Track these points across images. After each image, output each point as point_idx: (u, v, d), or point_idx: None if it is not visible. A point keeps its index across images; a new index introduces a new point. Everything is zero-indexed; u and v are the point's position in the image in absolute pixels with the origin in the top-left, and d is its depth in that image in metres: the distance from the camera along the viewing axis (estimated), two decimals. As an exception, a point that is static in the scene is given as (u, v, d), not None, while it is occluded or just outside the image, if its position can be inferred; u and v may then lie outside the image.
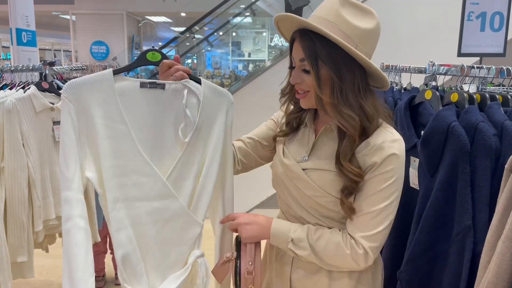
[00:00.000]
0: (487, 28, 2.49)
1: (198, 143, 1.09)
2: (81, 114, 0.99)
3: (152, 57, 1.08)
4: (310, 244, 1.04)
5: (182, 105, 1.07)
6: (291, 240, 1.05)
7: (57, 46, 15.03)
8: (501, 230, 0.85)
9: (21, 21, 4.06)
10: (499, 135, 1.10)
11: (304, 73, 1.02)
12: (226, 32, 8.32)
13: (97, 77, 1.01)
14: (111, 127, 1.01)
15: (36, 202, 1.92)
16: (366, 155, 1.01)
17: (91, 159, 1.01)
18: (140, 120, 1.04)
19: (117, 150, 1.01)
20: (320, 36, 0.96)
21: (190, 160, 1.08)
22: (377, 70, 1.00)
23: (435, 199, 1.19)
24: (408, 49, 3.68)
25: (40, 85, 2.00)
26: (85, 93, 0.99)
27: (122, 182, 1.02)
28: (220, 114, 1.12)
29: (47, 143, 1.99)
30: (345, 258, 1.02)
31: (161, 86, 1.05)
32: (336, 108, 0.99)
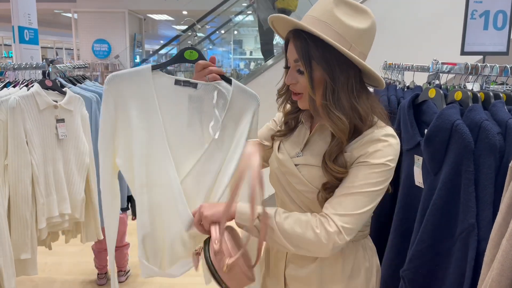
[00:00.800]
0: (490, 26, 2.49)
1: (222, 140, 1.13)
2: (119, 105, 1.08)
3: (189, 55, 1.13)
4: (277, 221, 0.98)
5: (212, 105, 1.11)
6: (257, 216, 0.99)
7: (59, 44, 15.04)
8: (505, 228, 0.85)
9: (23, 19, 4.07)
10: (503, 133, 1.10)
11: (298, 73, 1.02)
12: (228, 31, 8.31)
13: (137, 71, 1.08)
14: (146, 118, 1.09)
15: (40, 200, 1.93)
16: (356, 148, 1.00)
17: (123, 147, 1.10)
18: (170, 115, 1.11)
19: (148, 140, 1.09)
20: (314, 37, 0.95)
21: (213, 157, 1.13)
22: (370, 70, 0.99)
23: (438, 197, 1.19)
24: (411, 48, 3.67)
25: (43, 83, 2.00)
26: (124, 86, 1.07)
27: (149, 169, 1.10)
28: (246, 115, 1.15)
29: (51, 140, 2.00)
30: (316, 237, 0.95)
31: (194, 85, 1.11)
32: (326, 110, 0.99)
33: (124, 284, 2.95)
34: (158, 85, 1.09)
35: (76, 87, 2.33)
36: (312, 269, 1.11)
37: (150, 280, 2.99)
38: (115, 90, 1.07)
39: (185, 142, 1.12)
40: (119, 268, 2.97)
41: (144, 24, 9.88)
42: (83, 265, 3.13)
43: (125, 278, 2.98)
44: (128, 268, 3.03)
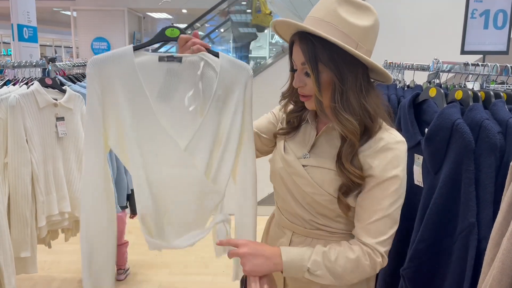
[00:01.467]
0: (490, 25, 2.49)
1: (214, 115, 1.12)
2: (104, 88, 1.06)
3: (171, 33, 1.11)
4: (328, 268, 1.00)
5: (198, 76, 1.09)
6: (307, 270, 1.00)
7: (58, 42, 14.99)
8: (505, 228, 0.86)
9: (23, 17, 4.06)
10: (503, 132, 1.10)
11: (306, 76, 1.01)
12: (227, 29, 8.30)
13: (118, 52, 1.06)
14: (132, 100, 1.07)
15: (40, 198, 1.93)
16: (368, 156, 1.00)
17: (114, 130, 1.09)
18: (159, 92, 1.09)
19: (138, 120, 1.08)
20: (320, 39, 0.95)
21: (207, 131, 1.11)
22: (378, 67, 0.99)
23: (439, 196, 1.19)
24: (411, 47, 3.67)
25: (43, 81, 2.00)
26: (107, 68, 1.05)
27: (144, 151, 1.09)
28: (238, 87, 1.12)
29: (51, 139, 2.00)
30: (365, 269, 1.01)
31: (178, 59, 1.09)
32: (335, 112, 0.98)
33: (123, 283, 2.95)
34: (141, 64, 1.07)
35: (75, 85, 2.32)
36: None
37: (149, 278, 2.99)
38: (98, 73, 1.05)
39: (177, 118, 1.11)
40: (119, 267, 2.97)
41: (144, 23, 9.86)
42: (82, 263, 3.12)
43: (124, 277, 2.98)
44: (128, 266, 3.03)
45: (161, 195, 1.12)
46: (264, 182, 1.28)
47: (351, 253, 1.00)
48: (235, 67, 1.12)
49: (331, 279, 1.00)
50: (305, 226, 1.13)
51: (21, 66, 2.19)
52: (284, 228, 1.18)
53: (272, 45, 11.12)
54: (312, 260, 1.00)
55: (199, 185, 1.11)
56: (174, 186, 1.12)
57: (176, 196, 1.12)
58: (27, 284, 2.90)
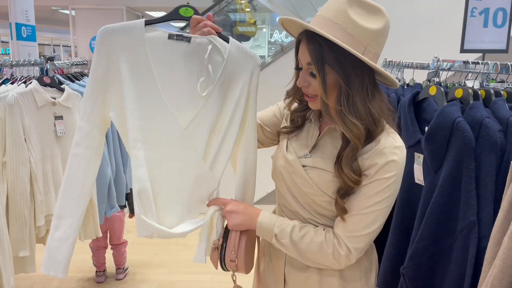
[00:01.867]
0: (490, 24, 2.48)
1: (217, 99, 1.11)
2: (111, 58, 1.06)
3: (184, 12, 1.10)
4: (293, 240, 1.04)
5: (205, 60, 1.09)
6: (275, 235, 1.06)
7: (56, 41, 14.97)
8: (506, 226, 0.85)
9: (21, 15, 4.05)
10: (504, 131, 1.10)
11: (311, 76, 0.99)
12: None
13: (130, 25, 1.06)
14: (137, 72, 1.07)
15: (38, 197, 1.92)
16: (367, 159, 0.99)
17: (117, 99, 1.08)
18: (165, 70, 1.09)
19: (141, 94, 1.07)
20: (327, 40, 0.93)
21: (208, 115, 1.11)
22: (384, 73, 0.98)
23: (439, 195, 1.19)
24: (411, 45, 3.67)
25: (41, 80, 1.99)
26: (116, 39, 1.05)
27: (143, 125, 1.08)
28: (244, 74, 1.12)
29: (49, 138, 1.99)
30: (327, 256, 1.02)
31: (187, 39, 1.08)
32: (341, 115, 0.96)
33: (122, 282, 2.94)
34: (151, 39, 1.07)
35: (74, 84, 2.31)
36: (312, 268, 1.11)
37: (148, 277, 2.99)
38: (107, 42, 1.05)
39: (180, 98, 1.11)
40: (118, 266, 2.96)
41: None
42: (81, 262, 3.11)
43: (123, 276, 2.97)
44: (127, 265, 3.03)
45: (156, 174, 1.11)
46: (260, 183, 1.28)
47: (318, 236, 1.03)
48: (243, 55, 1.12)
49: (296, 254, 1.06)
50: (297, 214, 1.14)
51: (19, 64, 2.18)
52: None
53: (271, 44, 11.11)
54: (280, 229, 1.06)
55: (196, 169, 1.11)
56: (171, 166, 1.11)
57: (171, 177, 1.12)
58: (26, 283, 2.90)
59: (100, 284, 2.92)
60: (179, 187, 1.12)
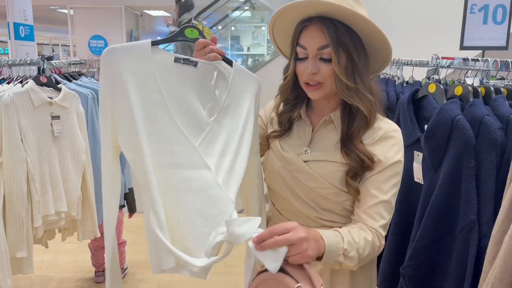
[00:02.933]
0: (489, 21, 2.47)
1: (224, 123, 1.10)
2: (117, 80, 1.03)
3: (190, 33, 1.10)
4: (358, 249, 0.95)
5: (211, 86, 1.08)
6: (343, 252, 0.92)
7: (55, 40, 14.95)
8: (507, 225, 0.84)
9: (19, 15, 4.04)
10: (504, 128, 1.09)
11: (321, 61, 1.01)
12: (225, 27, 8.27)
13: (136, 45, 1.04)
14: (146, 95, 1.04)
15: (35, 198, 1.91)
16: (369, 144, 1.03)
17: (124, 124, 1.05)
18: (174, 92, 1.07)
19: (151, 117, 1.04)
20: (339, 22, 0.99)
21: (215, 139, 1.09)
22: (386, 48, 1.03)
23: (439, 193, 1.18)
24: (410, 43, 3.65)
25: (38, 80, 1.97)
26: (123, 61, 1.02)
27: (156, 149, 1.04)
28: (249, 97, 1.12)
29: (46, 137, 1.97)
30: (375, 252, 1.00)
31: (194, 64, 1.08)
32: (357, 92, 1.01)
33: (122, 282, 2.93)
34: (157, 61, 1.05)
35: (71, 84, 2.30)
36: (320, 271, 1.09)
37: (147, 277, 2.98)
38: (112, 64, 1.02)
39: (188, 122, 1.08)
40: (117, 266, 2.95)
41: (141, 20, 9.82)
42: (80, 262, 3.11)
43: (122, 276, 2.97)
44: (126, 265, 3.02)
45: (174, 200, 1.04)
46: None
47: (367, 235, 0.98)
48: (246, 77, 1.12)
49: (356, 263, 0.94)
50: (309, 224, 1.11)
51: (15, 64, 2.17)
52: None
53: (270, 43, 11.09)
54: (346, 241, 0.93)
55: (212, 189, 1.05)
56: (188, 189, 1.04)
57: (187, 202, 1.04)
58: (25, 284, 2.89)
59: (99, 284, 2.91)
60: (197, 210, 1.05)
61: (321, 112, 1.11)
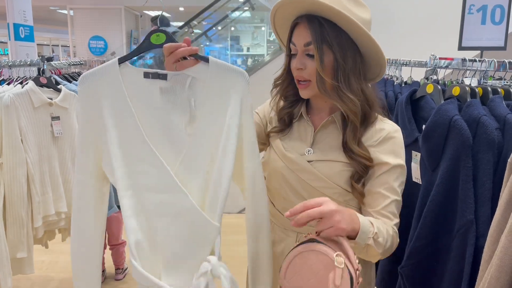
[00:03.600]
0: (488, 21, 2.48)
1: (204, 134, 1.00)
2: (92, 105, 1.00)
3: (156, 39, 1.00)
4: (385, 236, 0.96)
5: (186, 96, 1.01)
6: (373, 235, 0.92)
7: (55, 41, 14.95)
8: (504, 225, 0.85)
9: (19, 16, 4.05)
10: (501, 128, 1.09)
11: (307, 57, 1.03)
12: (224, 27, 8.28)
13: (105, 67, 1.00)
14: (118, 117, 1.00)
15: (35, 198, 1.92)
16: (373, 145, 1.04)
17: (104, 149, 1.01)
18: (145, 110, 1.01)
19: (124, 139, 1.00)
20: (327, 20, 1.00)
21: (198, 153, 1.01)
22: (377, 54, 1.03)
23: (436, 193, 1.18)
24: (408, 43, 3.66)
25: (38, 80, 1.98)
26: (95, 86, 1.00)
27: (131, 171, 1.00)
28: (233, 97, 1.00)
29: (46, 138, 1.98)
30: (393, 248, 1.01)
31: (163, 77, 1.00)
32: (338, 92, 1.02)
33: (122, 282, 2.94)
34: (127, 80, 1.00)
35: (71, 85, 2.30)
36: None
37: (148, 277, 2.98)
38: (87, 89, 0.99)
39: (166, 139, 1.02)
40: (117, 266, 2.96)
41: (141, 21, 9.83)
42: (80, 263, 3.11)
43: (122, 276, 2.97)
44: (126, 265, 3.02)
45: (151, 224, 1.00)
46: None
47: (389, 228, 1.00)
48: (228, 73, 1.00)
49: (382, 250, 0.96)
50: (311, 224, 1.11)
51: (15, 65, 2.17)
52: (286, 230, 1.16)
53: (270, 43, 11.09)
54: (376, 226, 0.94)
55: (190, 215, 0.98)
56: (163, 214, 0.99)
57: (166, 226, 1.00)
58: (25, 284, 2.89)
59: (99, 285, 2.91)
60: (175, 235, 1.00)
61: (320, 111, 1.12)
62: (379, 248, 0.95)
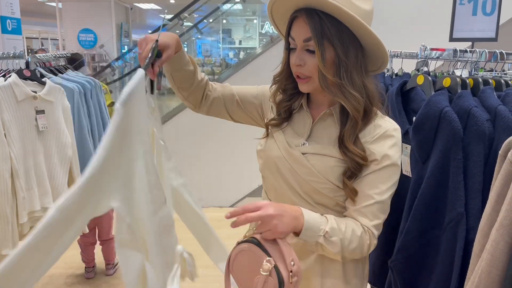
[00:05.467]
0: (479, 12, 2.46)
1: None
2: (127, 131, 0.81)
3: None
4: (342, 238, 0.96)
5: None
6: (324, 233, 0.95)
7: (44, 34, 14.77)
8: (494, 218, 0.84)
9: (5, 8, 3.97)
10: (492, 120, 1.08)
11: (307, 53, 1.00)
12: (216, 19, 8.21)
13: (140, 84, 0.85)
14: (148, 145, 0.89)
15: (20, 194, 1.88)
16: (368, 142, 1.01)
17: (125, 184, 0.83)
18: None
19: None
20: (327, 15, 0.96)
21: None
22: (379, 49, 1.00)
23: (427, 186, 1.17)
24: (399, 34, 3.64)
25: (21, 73, 1.93)
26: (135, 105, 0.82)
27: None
28: None
29: (30, 132, 1.94)
30: (363, 248, 0.99)
31: None
32: (341, 88, 0.99)
33: (112, 277, 2.92)
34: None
35: (57, 78, 2.26)
36: (312, 263, 1.08)
37: (138, 272, 2.96)
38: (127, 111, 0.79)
39: None
40: (107, 261, 2.93)
41: (131, 14, 9.72)
42: (70, 258, 3.08)
43: (113, 271, 2.95)
44: (116, 261, 3.00)
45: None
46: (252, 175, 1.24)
47: (357, 229, 0.98)
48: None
49: (338, 250, 0.97)
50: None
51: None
52: None
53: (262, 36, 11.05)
54: (330, 225, 0.96)
55: None
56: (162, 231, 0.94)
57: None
58: (14, 281, 2.86)
59: (89, 280, 2.89)
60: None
61: (319, 105, 1.10)
62: (334, 248, 0.95)
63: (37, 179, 1.97)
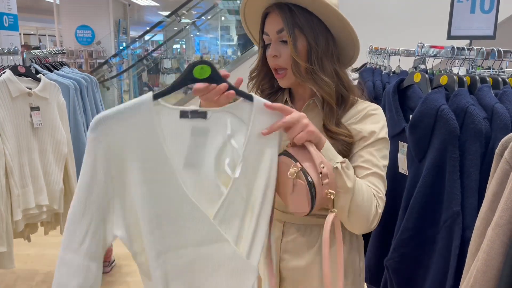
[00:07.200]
0: (477, 9, 2.45)
1: (246, 177, 0.91)
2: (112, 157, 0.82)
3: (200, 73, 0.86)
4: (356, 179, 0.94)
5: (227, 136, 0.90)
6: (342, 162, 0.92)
7: (41, 31, 14.71)
8: (490, 217, 0.83)
9: (2, 4, 3.94)
10: (489, 118, 1.07)
11: (281, 44, 1.03)
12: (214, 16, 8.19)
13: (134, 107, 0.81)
14: (151, 170, 0.85)
15: (15, 191, 1.86)
16: (354, 123, 1.04)
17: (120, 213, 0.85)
18: (181, 158, 0.88)
19: (159, 196, 0.86)
20: (297, 6, 1.01)
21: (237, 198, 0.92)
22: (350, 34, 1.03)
23: (423, 184, 1.16)
24: (397, 32, 3.63)
25: (16, 70, 1.92)
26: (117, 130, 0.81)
27: (165, 231, 0.87)
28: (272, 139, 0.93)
29: (25, 129, 1.92)
30: (371, 210, 0.95)
31: (203, 115, 0.88)
32: (313, 75, 1.02)
33: (109, 275, 2.91)
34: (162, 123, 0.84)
35: (52, 74, 2.24)
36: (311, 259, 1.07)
37: (134, 269, 2.95)
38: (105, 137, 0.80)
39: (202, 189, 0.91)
40: (104, 259, 2.92)
41: (129, 10, 9.68)
42: (66, 256, 3.08)
43: (109, 269, 2.94)
44: (113, 258, 2.99)
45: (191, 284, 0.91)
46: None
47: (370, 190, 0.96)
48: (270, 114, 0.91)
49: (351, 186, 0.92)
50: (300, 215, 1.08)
51: (-6, 54, 2.10)
52: (273, 219, 1.13)
53: (260, 33, 10.98)
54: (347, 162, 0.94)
55: (232, 261, 0.91)
56: (203, 268, 0.91)
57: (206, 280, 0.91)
58: (10, 278, 2.85)
59: (85, 278, 2.88)
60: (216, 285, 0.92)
61: (302, 99, 1.12)
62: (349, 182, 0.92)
63: (32, 176, 1.95)
